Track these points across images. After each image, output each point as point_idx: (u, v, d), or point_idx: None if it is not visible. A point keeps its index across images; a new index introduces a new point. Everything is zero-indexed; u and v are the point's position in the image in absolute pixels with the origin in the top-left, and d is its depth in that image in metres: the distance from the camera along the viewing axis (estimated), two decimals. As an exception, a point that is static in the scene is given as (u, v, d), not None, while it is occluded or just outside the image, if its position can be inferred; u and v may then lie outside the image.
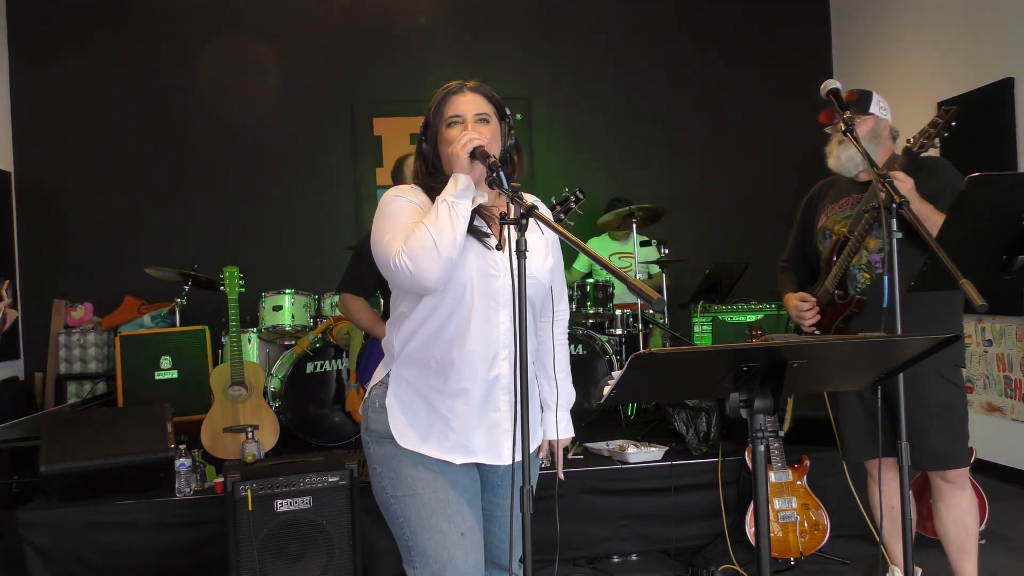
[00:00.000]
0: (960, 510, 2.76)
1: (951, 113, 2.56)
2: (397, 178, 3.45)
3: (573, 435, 2.18)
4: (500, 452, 1.93)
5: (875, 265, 2.77)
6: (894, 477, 2.83)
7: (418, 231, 1.80)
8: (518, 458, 1.66)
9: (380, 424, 1.95)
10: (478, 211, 1.90)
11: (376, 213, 1.94)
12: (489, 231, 1.92)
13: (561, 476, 2.13)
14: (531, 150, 6.14)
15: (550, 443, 2.15)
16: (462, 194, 1.83)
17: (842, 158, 2.82)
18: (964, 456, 2.76)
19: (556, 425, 2.09)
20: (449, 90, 1.97)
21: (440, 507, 1.89)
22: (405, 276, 1.80)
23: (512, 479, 1.81)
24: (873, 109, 2.80)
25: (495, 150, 1.91)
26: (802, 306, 2.91)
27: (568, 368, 2.17)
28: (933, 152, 2.69)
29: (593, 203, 5.26)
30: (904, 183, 2.48)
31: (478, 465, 1.99)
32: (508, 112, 2.00)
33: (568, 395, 2.13)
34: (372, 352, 3.98)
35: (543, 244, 2.02)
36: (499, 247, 1.88)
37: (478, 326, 1.89)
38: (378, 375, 2.02)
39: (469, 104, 1.94)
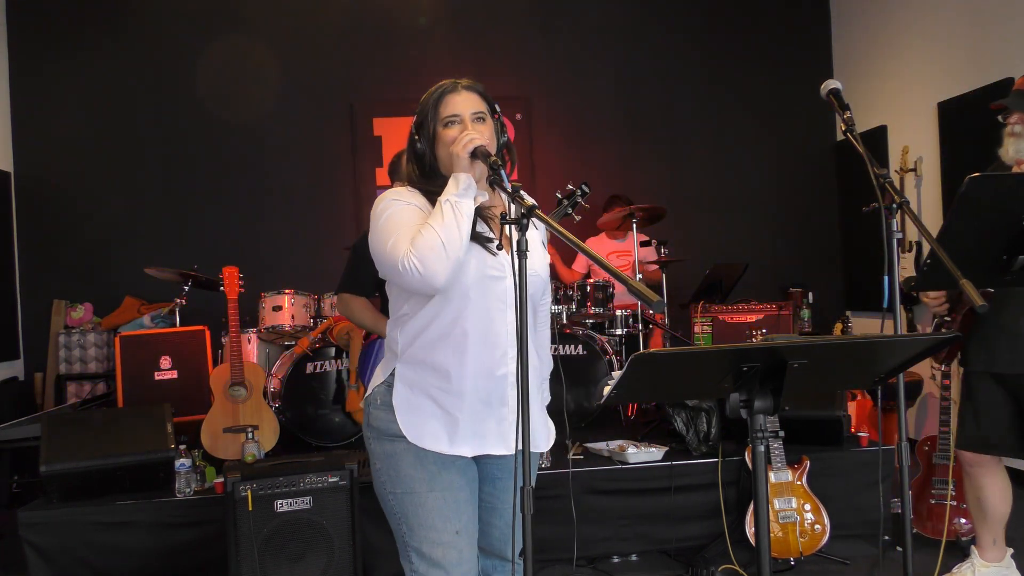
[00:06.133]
0: None
1: None
2: (395, 173, 3.42)
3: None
4: (509, 442, 1.94)
5: None
6: (987, 472, 2.99)
7: (424, 232, 1.80)
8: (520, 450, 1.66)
9: (383, 422, 1.96)
10: (478, 212, 1.90)
11: (373, 216, 1.93)
12: (492, 235, 1.92)
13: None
14: (531, 150, 6.14)
15: None
16: (464, 193, 1.83)
17: (1012, 151, 2.80)
18: None
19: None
20: (444, 89, 1.96)
21: (436, 505, 1.90)
22: (415, 278, 1.80)
23: (514, 474, 1.81)
24: None
25: (492, 149, 1.91)
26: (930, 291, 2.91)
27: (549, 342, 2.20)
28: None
29: (593, 202, 5.25)
30: None
31: (477, 458, 1.99)
32: (498, 109, 2.01)
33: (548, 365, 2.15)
34: (374, 350, 3.98)
35: (538, 239, 2.04)
36: (500, 247, 1.88)
37: (485, 327, 1.90)
38: (379, 375, 2.02)
39: (466, 103, 1.94)
